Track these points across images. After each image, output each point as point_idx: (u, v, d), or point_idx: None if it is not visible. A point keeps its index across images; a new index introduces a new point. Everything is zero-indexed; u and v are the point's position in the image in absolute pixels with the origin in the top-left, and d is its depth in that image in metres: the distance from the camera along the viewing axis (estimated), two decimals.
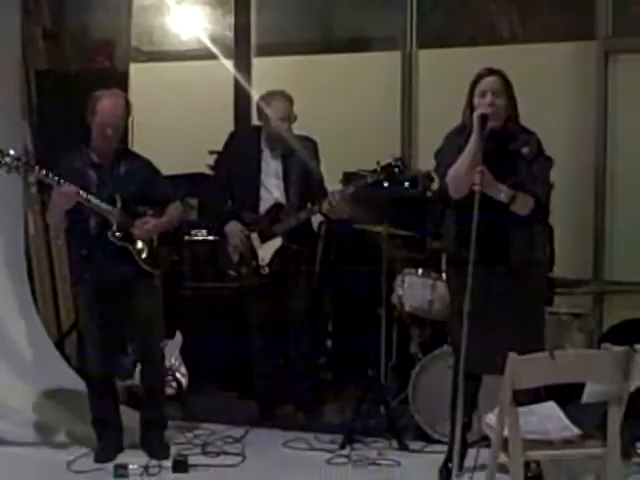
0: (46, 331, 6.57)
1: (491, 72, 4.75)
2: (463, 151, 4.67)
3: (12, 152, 5.23)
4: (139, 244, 5.33)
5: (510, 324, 4.71)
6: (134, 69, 7.31)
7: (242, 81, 7.57)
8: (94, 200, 5.21)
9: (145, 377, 5.55)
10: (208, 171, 6.89)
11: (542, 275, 4.94)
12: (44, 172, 5.20)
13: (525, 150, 4.73)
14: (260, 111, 6.02)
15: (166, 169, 5.63)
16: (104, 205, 5.24)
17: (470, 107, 4.75)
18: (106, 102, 5.28)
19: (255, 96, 6.50)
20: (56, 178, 5.15)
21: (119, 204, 5.28)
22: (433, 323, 5.82)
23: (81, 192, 5.15)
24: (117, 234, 5.27)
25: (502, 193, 4.63)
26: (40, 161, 6.11)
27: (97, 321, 5.36)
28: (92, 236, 5.29)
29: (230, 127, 7.36)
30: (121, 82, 6.63)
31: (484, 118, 4.62)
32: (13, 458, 5.37)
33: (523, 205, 4.68)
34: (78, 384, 6.25)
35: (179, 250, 5.74)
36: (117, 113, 5.29)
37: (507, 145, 4.76)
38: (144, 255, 5.35)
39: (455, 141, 4.80)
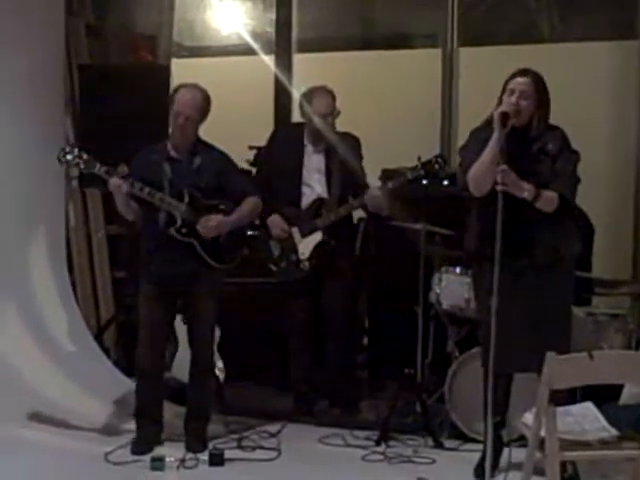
0: (85, 323, 6.62)
1: (524, 73, 4.73)
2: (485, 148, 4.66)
3: (75, 150, 5.29)
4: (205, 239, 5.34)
5: (535, 322, 4.69)
6: (175, 64, 7.34)
7: (282, 77, 7.59)
8: (158, 195, 5.24)
9: (195, 370, 5.53)
10: (247, 167, 6.90)
11: (569, 272, 4.89)
12: (105, 168, 5.24)
13: (550, 146, 4.70)
14: (303, 107, 6.03)
15: None
16: (169, 200, 5.27)
17: (499, 105, 4.74)
18: (184, 92, 5.34)
19: (295, 92, 6.52)
20: (104, 170, 5.20)
21: (186, 199, 5.30)
22: (470, 321, 5.78)
23: (145, 188, 5.18)
24: (182, 230, 5.29)
25: (525, 192, 4.60)
26: None
27: (156, 315, 5.38)
28: (159, 231, 5.32)
29: (270, 123, 7.38)
30: (163, 77, 6.63)
31: (504, 116, 4.59)
32: (51, 448, 5.40)
33: (547, 202, 4.65)
34: (116, 377, 6.31)
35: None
36: (192, 104, 5.30)
37: (530, 143, 4.73)
38: (210, 250, 5.36)
39: (478, 138, 4.78)
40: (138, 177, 5.24)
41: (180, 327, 5.78)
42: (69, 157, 5.27)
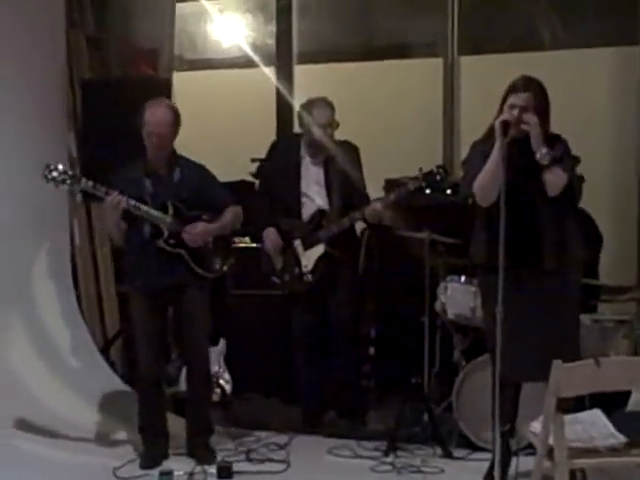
0: (91, 338, 6.64)
1: (526, 87, 4.68)
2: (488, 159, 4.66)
3: (60, 166, 5.31)
4: (192, 249, 5.39)
5: (544, 331, 4.68)
6: (177, 77, 7.37)
7: (283, 89, 7.61)
8: (144, 208, 5.28)
9: (192, 382, 5.56)
10: (250, 179, 6.93)
11: (576, 280, 4.89)
12: (91, 184, 5.28)
13: (551, 152, 4.68)
14: (302, 118, 6.05)
15: None
16: (155, 212, 5.31)
17: (500, 114, 4.73)
18: (152, 111, 5.36)
19: (296, 104, 6.53)
20: (103, 189, 5.23)
21: (171, 211, 5.35)
22: (476, 330, 5.79)
23: (130, 201, 5.22)
24: (169, 241, 5.34)
25: (543, 151, 4.58)
26: (84, 169, 6.21)
27: (149, 327, 5.42)
28: (145, 243, 5.37)
29: (272, 135, 7.39)
30: (164, 90, 6.64)
31: (505, 124, 4.57)
32: (59, 464, 5.40)
33: (557, 178, 4.62)
34: (123, 391, 6.32)
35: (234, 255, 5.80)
36: (163, 122, 5.33)
37: (533, 153, 4.68)
38: (198, 259, 5.40)
39: (480, 150, 4.79)
40: (120, 192, 5.26)
41: None
42: (55, 174, 5.27)
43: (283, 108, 7.66)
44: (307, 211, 6.05)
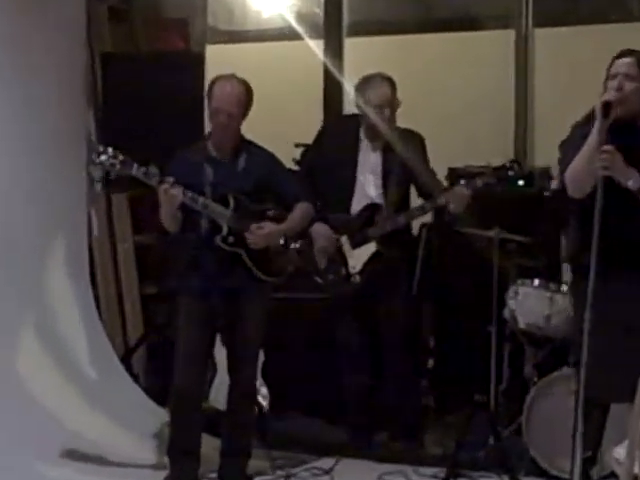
0: (111, 344, 6.63)
1: (628, 53, 4.66)
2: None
3: (110, 150, 5.24)
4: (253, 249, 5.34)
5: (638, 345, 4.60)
6: (210, 51, 7.37)
7: (332, 65, 7.57)
8: (201, 200, 5.22)
9: (235, 399, 5.50)
10: (294, 166, 6.89)
11: None
12: (143, 170, 5.22)
13: None
14: (358, 97, 5.99)
15: None
16: (214, 206, 5.26)
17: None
18: (221, 85, 5.31)
19: (346, 81, 6.49)
20: (157, 177, 5.18)
21: (232, 205, 5.29)
22: (551, 341, 5.76)
23: (186, 192, 5.15)
24: (228, 239, 5.29)
25: (631, 179, 4.53)
26: None
27: (195, 335, 5.36)
28: (201, 239, 5.33)
29: (318, 117, 7.39)
30: (196, 65, 6.70)
31: (607, 106, 4.49)
32: None
33: None
34: (145, 404, 6.32)
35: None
36: (232, 98, 5.28)
37: (637, 137, 4.64)
38: (258, 261, 5.36)
39: (580, 132, 4.71)
40: (176, 181, 5.20)
41: (218, 350, 5.76)
42: (103, 158, 5.22)
43: (331, 86, 7.63)
44: (357, 203, 6.03)
